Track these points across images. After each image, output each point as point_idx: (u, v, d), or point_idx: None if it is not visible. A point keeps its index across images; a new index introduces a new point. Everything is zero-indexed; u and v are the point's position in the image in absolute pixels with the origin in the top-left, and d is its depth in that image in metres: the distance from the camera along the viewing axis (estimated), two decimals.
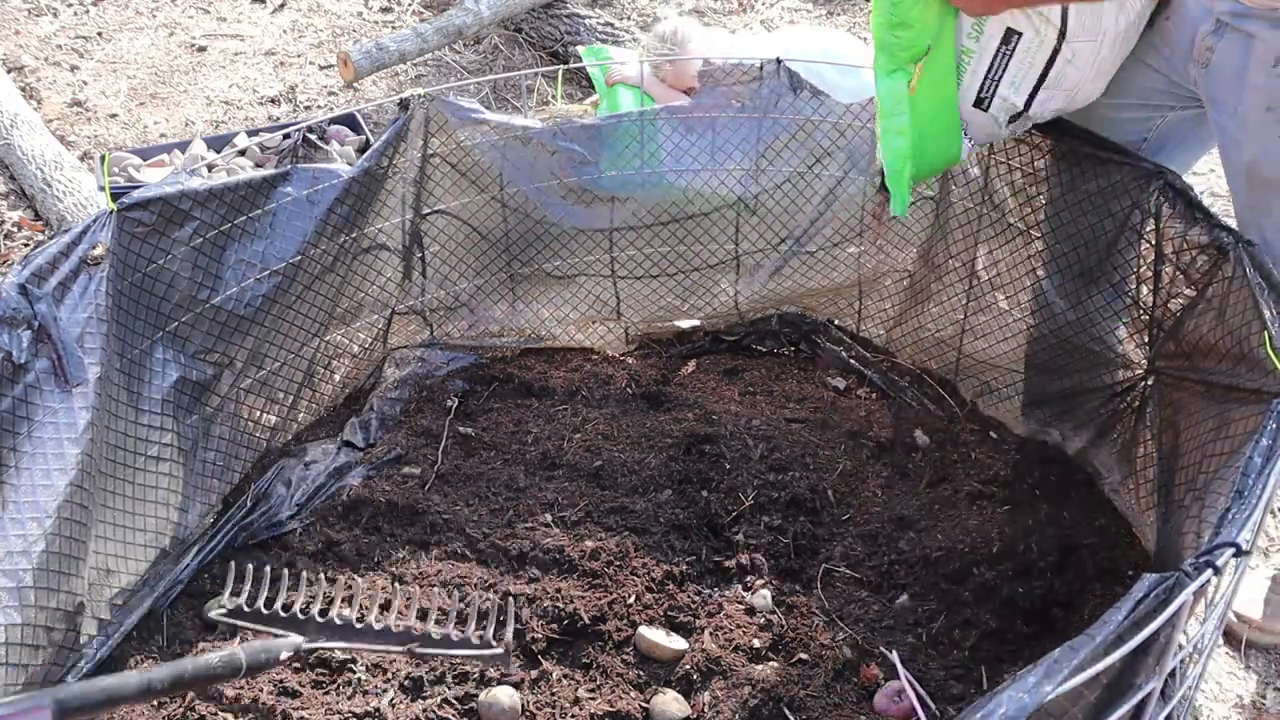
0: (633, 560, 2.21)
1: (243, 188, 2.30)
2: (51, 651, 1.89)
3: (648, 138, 2.69)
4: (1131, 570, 2.16)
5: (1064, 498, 2.38)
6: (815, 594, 2.17)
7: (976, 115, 2.11)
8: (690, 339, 2.97)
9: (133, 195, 2.13)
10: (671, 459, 2.48)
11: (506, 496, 2.41)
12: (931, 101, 2.07)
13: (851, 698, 1.95)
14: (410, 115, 2.50)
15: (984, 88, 2.07)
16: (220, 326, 2.31)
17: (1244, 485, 1.48)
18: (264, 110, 4.25)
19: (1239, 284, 1.88)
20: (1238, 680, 2.19)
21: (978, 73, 2.06)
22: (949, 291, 2.67)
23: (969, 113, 2.11)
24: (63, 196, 3.39)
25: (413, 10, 4.99)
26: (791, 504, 2.35)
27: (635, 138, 2.68)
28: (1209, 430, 1.83)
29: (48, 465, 1.88)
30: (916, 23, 1.99)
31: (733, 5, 5.01)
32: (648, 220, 2.78)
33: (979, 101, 2.09)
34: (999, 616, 2.10)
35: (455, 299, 2.80)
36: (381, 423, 2.63)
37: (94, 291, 2.02)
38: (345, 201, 2.44)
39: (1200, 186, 2.26)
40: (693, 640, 2.05)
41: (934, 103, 2.07)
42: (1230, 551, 1.33)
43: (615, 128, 2.68)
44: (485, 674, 1.99)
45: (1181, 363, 2.05)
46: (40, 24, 4.77)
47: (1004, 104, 2.09)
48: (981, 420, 2.66)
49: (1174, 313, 2.10)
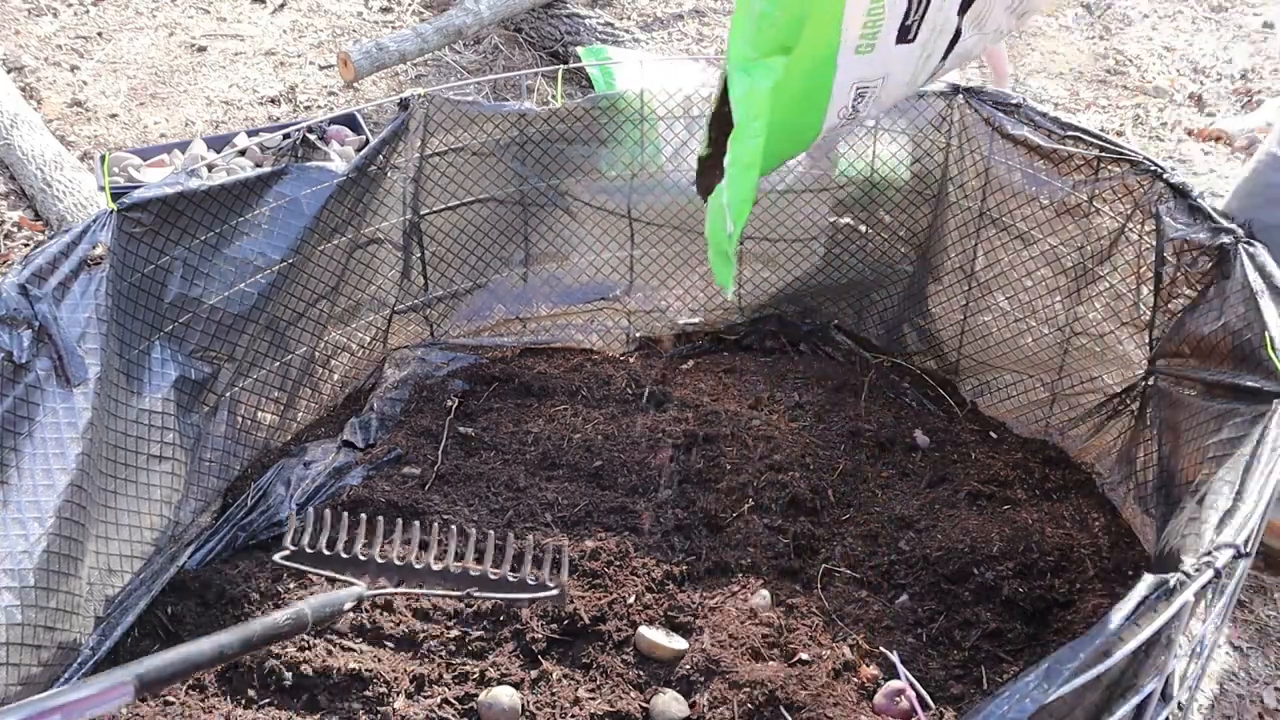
0: (633, 560, 2.21)
1: (241, 187, 2.30)
2: (51, 651, 1.89)
3: (648, 140, 2.69)
4: (1131, 570, 2.16)
5: (1064, 498, 2.38)
6: (815, 594, 2.17)
7: (892, 60, 1.63)
8: (690, 339, 2.97)
9: (133, 195, 2.13)
10: (671, 459, 2.48)
11: (506, 496, 2.41)
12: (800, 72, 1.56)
13: (851, 698, 1.95)
14: (409, 114, 2.50)
15: (911, 9, 1.61)
16: (219, 326, 2.31)
17: (1244, 485, 1.48)
18: (264, 110, 4.25)
19: (1239, 284, 1.88)
20: (1238, 680, 2.19)
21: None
22: (949, 292, 2.67)
23: (876, 63, 1.62)
24: (63, 196, 3.39)
25: (413, 10, 4.99)
26: (791, 504, 2.35)
27: (636, 141, 2.68)
28: (1209, 430, 1.83)
29: (49, 465, 1.88)
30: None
31: (732, 6, 5.01)
32: (660, 218, 2.79)
33: (904, 31, 1.62)
34: (999, 616, 2.10)
35: (455, 298, 2.81)
36: (381, 423, 2.63)
37: (94, 291, 2.02)
38: (343, 200, 2.44)
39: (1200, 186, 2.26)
40: (693, 640, 2.05)
41: (803, 73, 1.57)
42: (1231, 553, 1.33)
43: (616, 128, 2.68)
44: (485, 674, 1.99)
45: (1181, 363, 2.05)
46: (40, 24, 4.77)
47: (934, 27, 1.64)
48: (981, 420, 2.66)
49: (1174, 313, 2.11)
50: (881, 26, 1.57)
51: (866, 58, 1.58)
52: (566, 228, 2.80)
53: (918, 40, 1.61)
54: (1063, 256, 2.38)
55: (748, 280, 2.88)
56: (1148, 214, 2.15)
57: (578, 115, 2.66)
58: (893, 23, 1.58)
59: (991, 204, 2.48)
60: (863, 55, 1.58)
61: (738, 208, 1.59)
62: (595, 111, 2.67)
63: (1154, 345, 2.19)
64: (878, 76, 1.63)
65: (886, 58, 1.61)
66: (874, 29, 1.56)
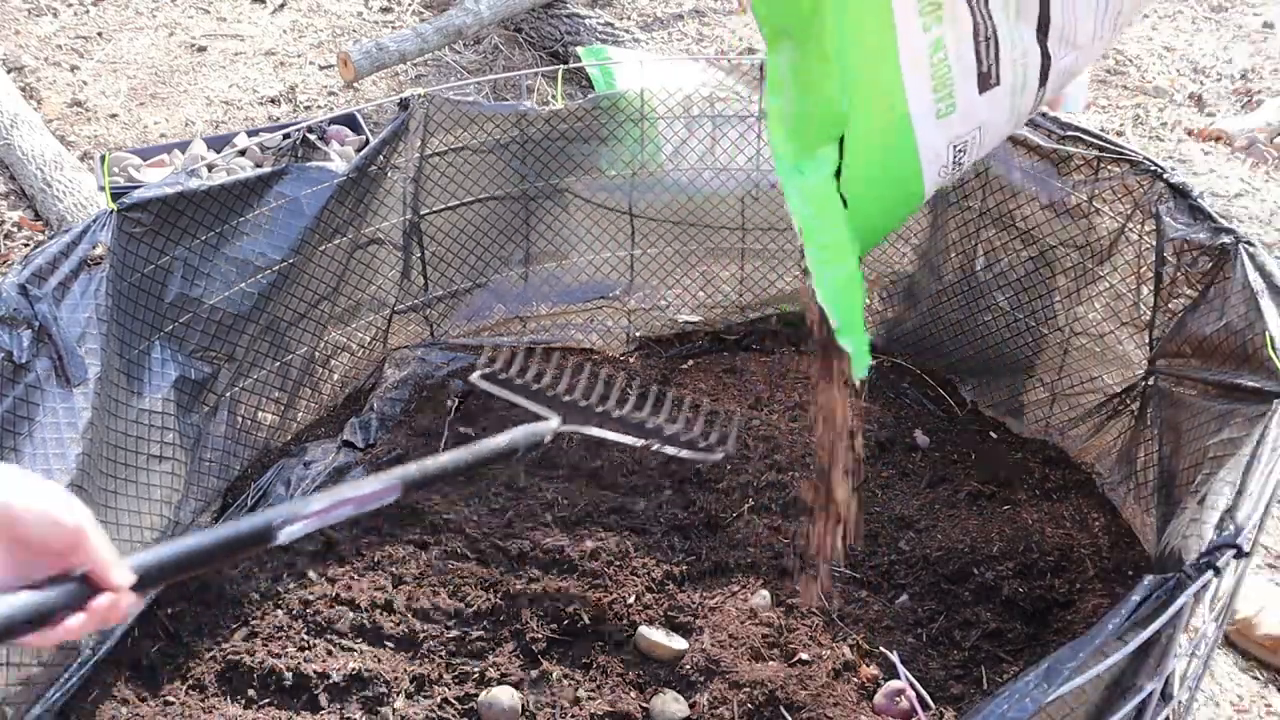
0: (633, 560, 2.21)
1: (241, 187, 2.30)
2: (52, 650, 1.89)
3: (648, 139, 2.69)
4: (1132, 571, 2.16)
5: (1064, 498, 2.38)
6: (815, 594, 2.17)
7: (981, 110, 1.49)
8: (690, 339, 2.97)
9: (132, 195, 2.13)
10: (671, 459, 2.48)
11: (507, 496, 2.41)
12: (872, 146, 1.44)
13: (851, 698, 1.95)
14: (409, 114, 2.50)
15: (981, 54, 1.44)
16: (220, 326, 2.31)
17: (1244, 485, 1.48)
18: (264, 110, 4.25)
19: (1239, 284, 1.88)
20: (1238, 681, 2.19)
21: (961, 37, 1.42)
22: (949, 292, 2.66)
23: (965, 119, 1.49)
24: (63, 196, 3.39)
25: (413, 10, 4.99)
26: (791, 504, 2.35)
27: (636, 140, 2.68)
28: (1209, 430, 1.83)
29: (49, 465, 1.88)
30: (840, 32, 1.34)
31: (733, 6, 5.01)
32: (660, 215, 2.79)
33: (983, 80, 1.46)
34: (999, 616, 2.10)
35: (455, 298, 2.81)
36: (381, 423, 2.63)
37: (94, 291, 2.02)
38: (344, 201, 2.44)
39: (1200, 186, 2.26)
40: (693, 640, 2.05)
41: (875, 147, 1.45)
42: (1231, 553, 1.33)
43: (617, 127, 2.68)
44: (485, 674, 1.99)
45: (1182, 363, 2.05)
46: (40, 24, 4.77)
47: (1015, 63, 1.46)
48: (981, 420, 2.66)
49: (1174, 313, 2.10)
50: (953, 83, 1.45)
51: (950, 119, 1.48)
52: (566, 227, 2.80)
53: (1003, 83, 1.47)
54: (1063, 256, 2.38)
55: (748, 278, 2.88)
56: (1148, 214, 2.15)
57: (578, 115, 2.66)
58: (965, 75, 1.45)
59: (991, 204, 2.48)
60: (946, 119, 1.47)
61: (837, 303, 1.47)
62: (596, 111, 2.67)
63: (1154, 345, 2.18)
64: (971, 129, 1.52)
65: (973, 110, 1.49)
66: (947, 88, 1.45)
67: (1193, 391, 1.98)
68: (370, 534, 2.32)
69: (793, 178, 1.43)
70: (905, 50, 1.40)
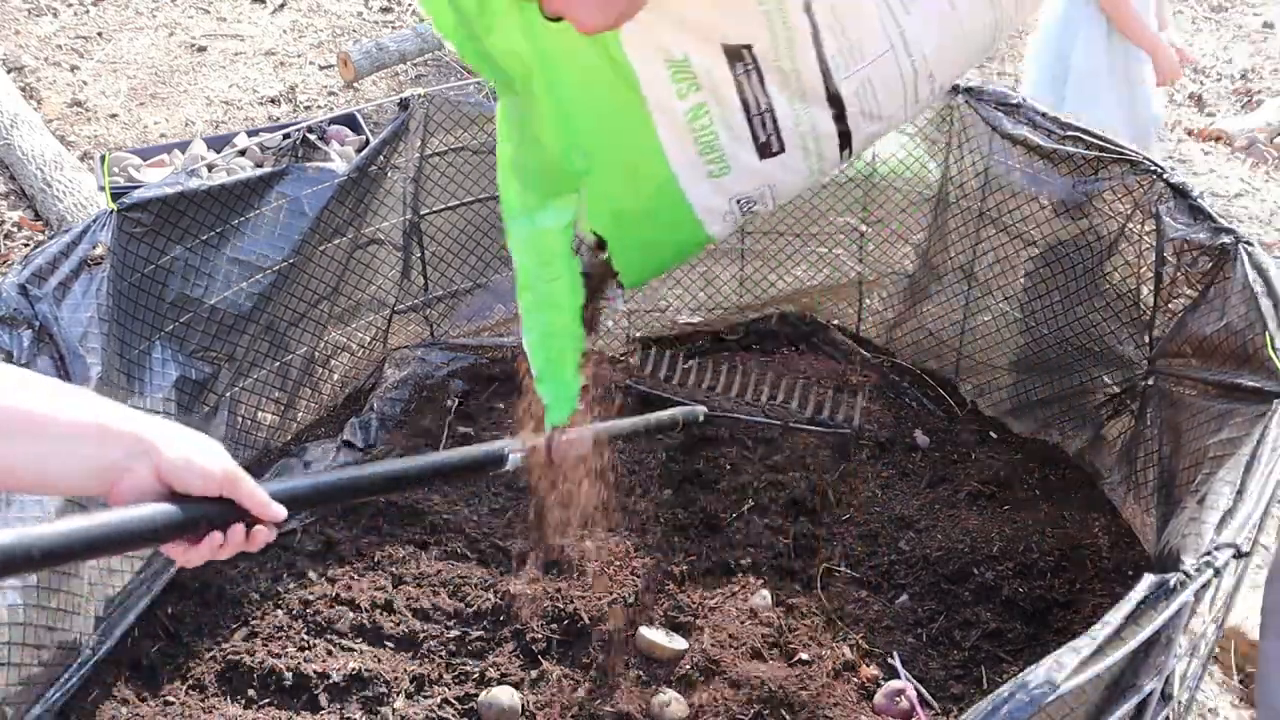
0: (633, 560, 2.21)
1: (241, 187, 2.30)
2: (52, 650, 1.89)
3: None
4: (1131, 570, 2.16)
5: (1064, 498, 2.38)
6: (815, 594, 2.17)
7: (766, 173, 1.45)
8: (690, 339, 2.97)
9: (132, 195, 2.13)
10: (671, 459, 2.48)
11: (507, 496, 2.41)
12: (634, 196, 1.44)
13: (851, 698, 1.95)
14: (409, 114, 2.50)
15: (758, 125, 1.40)
16: (220, 326, 2.31)
17: (1244, 485, 1.48)
18: (264, 110, 4.25)
19: (1239, 284, 1.88)
20: (1238, 681, 2.19)
21: (728, 108, 1.40)
22: (949, 292, 2.66)
23: (747, 178, 1.45)
24: (63, 196, 3.39)
25: (413, 10, 4.99)
26: (791, 504, 2.35)
27: None
28: (1209, 430, 1.83)
29: None
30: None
31: None
32: None
33: (764, 148, 1.42)
34: (999, 616, 2.10)
35: (455, 298, 2.80)
36: (381, 423, 2.63)
37: (94, 291, 2.02)
38: (343, 201, 2.44)
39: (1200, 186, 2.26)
40: (693, 640, 2.05)
41: (639, 196, 1.45)
42: (1230, 552, 1.33)
43: None
44: (485, 674, 1.99)
45: (1182, 363, 2.05)
46: (40, 24, 4.77)
47: (804, 132, 1.41)
48: (981, 420, 2.65)
49: (1174, 313, 2.11)
50: (723, 149, 1.42)
51: (724, 180, 1.45)
52: None
53: (790, 150, 1.42)
54: (1063, 256, 2.38)
55: (748, 278, 2.88)
56: (1148, 214, 2.15)
57: None
58: (738, 142, 1.42)
59: (991, 204, 2.48)
60: (720, 179, 1.45)
61: (537, 352, 1.56)
62: None
63: (1154, 345, 2.18)
64: (758, 186, 1.48)
65: (756, 171, 1.45)
66: (716, 151, 1.42)
67: (1193, 391, 1.98)
68: (370, 534, 2.32)
69: (520, 225, 1.44)
70: (659, 115, 1.40)
